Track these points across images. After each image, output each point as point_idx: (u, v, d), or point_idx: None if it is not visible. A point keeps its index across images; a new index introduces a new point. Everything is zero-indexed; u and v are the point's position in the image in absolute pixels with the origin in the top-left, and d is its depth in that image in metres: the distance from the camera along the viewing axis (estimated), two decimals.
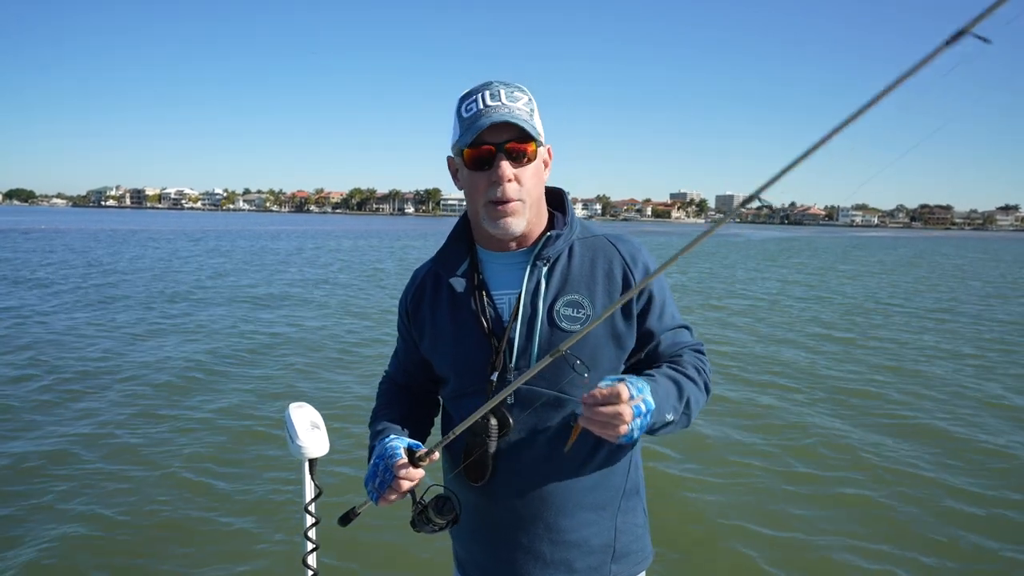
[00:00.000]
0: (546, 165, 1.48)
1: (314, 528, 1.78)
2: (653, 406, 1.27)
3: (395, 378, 1.68)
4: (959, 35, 0.86)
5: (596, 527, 1.46)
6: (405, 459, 1.32)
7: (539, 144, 1.40)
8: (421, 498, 1.37)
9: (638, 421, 1.23)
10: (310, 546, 1.79)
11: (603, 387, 1.23)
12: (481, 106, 1.35)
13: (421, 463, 1.32)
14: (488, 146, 1.35)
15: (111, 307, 12.11)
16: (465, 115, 1.37)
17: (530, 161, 1.39)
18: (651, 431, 1.32)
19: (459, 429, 1.30)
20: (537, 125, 1.40)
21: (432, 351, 1.53)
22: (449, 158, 1.48)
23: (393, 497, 1.34)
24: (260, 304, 13.19)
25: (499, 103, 1.35)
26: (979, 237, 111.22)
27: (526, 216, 1.41)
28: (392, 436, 1.42)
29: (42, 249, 26.08)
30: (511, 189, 1.37)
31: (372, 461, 1.40)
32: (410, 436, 1.49)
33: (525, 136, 1.35)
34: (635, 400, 1.23)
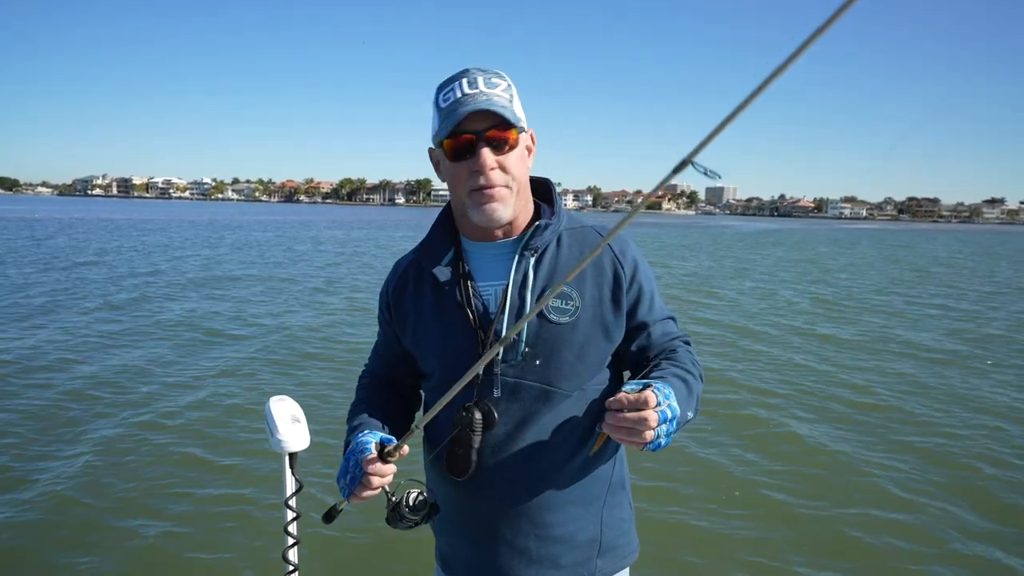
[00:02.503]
0: (529, 151, 1.44)
1: (295, 523, 1.75)
2: (678, 411, 1.24)
3: (375, 372, 1.64)
4: (682, 166, 0.89)
5: (582, 522, 1.43)
6: (375, 454, 1.28)
7: (521, 130, 1.36)
8: (393, 493, 1.33)
9: (664, 427, 1.20)
10: (290, 541, 1.76)
11: (628, 391, 1.20)
12: (459, 95, 1.31)
13: (390, 458, 1.28)
14: (468, 135, 1.31)
15: (85, 299, 11.96)
16: (443, 105, 1.33)
17: (512, 148, 1.35)
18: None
19: (425, 420, 1.26)
20: (518, 111, 1.36)
21: (416, 344, 1.49)
22: (431, 150, 1.44)
23: (365, 494, 1.29)
24: (240, 295, 13.07)
25: (477, 91, 1.31)
26: (966, 230, 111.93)
27: (512, 203, 1.37)
28: (366, 431, 1.38)
29: (32, 238, 25.76)
30: (495, 176, 1.33)
31: (344, 457, 1.36)
32: (389, 431, 1.45)
33: (506, 123, 1.32)
34: (661, 406, 1.20)
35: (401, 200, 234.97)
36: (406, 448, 1.30)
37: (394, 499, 1.33)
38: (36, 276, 14.50)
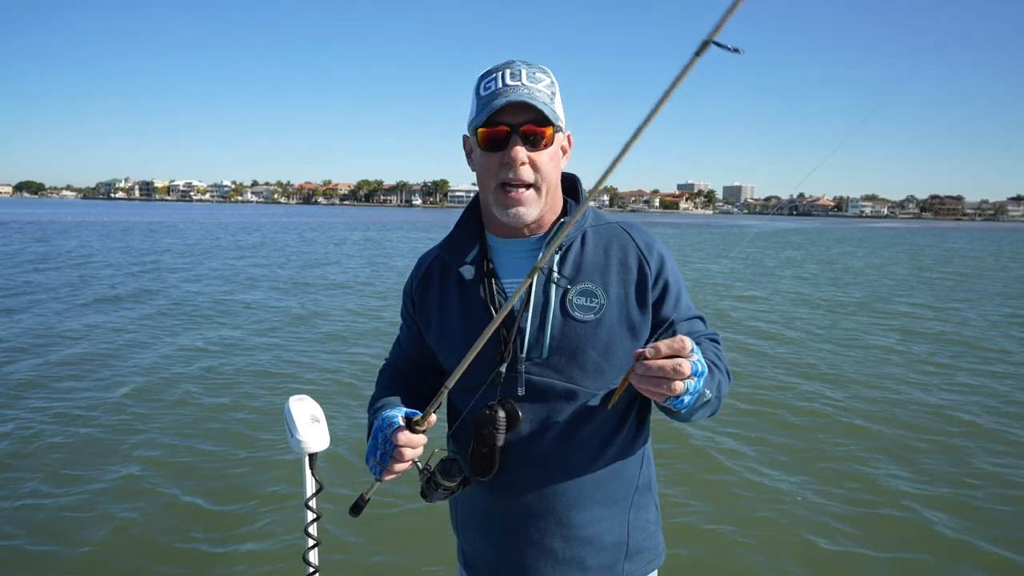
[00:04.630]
0: (564, 152, 1.43)
1: (315, 524, 1.74)
2: (706, 370, 1.18)
3: (397, 366, 1.62)
4: (704, 47, 0.96)
5: (609, 523, 1.41)
6: (403, 426, 1.27)
7: (557, 129, 1.34)
8: (426, 465, 1.33)
9: (692, 382, 1.13)
10: (311, 542, 1.75)
11: (658, 341, 1.13)
12: (500, 85, 1.30)
13: (419, 428, 1.27)
14: (503, 126, 1.29)
15: (105, 298, 12.11)
16: (483, 93, 1.32)
17: (547, 145, 1.33)
18: (688, 413, 1.23)
19: (451, 381, 1.23)
20: (557, 109, 1.34)
21: (439, 340, 1.48)
22: (465, 137, 1.43)
23: (398, 467, 1.27)
24: (260, 294, 13.16)
25: (519, 83, 1.29)
26: (991, 228, 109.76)
27: (539, 204, 1.36)
28: (388, 409, 1.36)
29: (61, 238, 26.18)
30: (525, 172, 1.31)
31: (371, 435, 1.35)
32: None
33: (543, 119, 1.30)
34: (693, 356, 1.14)
35: (418, 201, 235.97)
36: (434, 417, 1.29)
37: (428, 469, 1.33)
38: (63, 276, 14.74)
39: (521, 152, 1.30)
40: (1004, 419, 6.10)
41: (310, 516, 1.73)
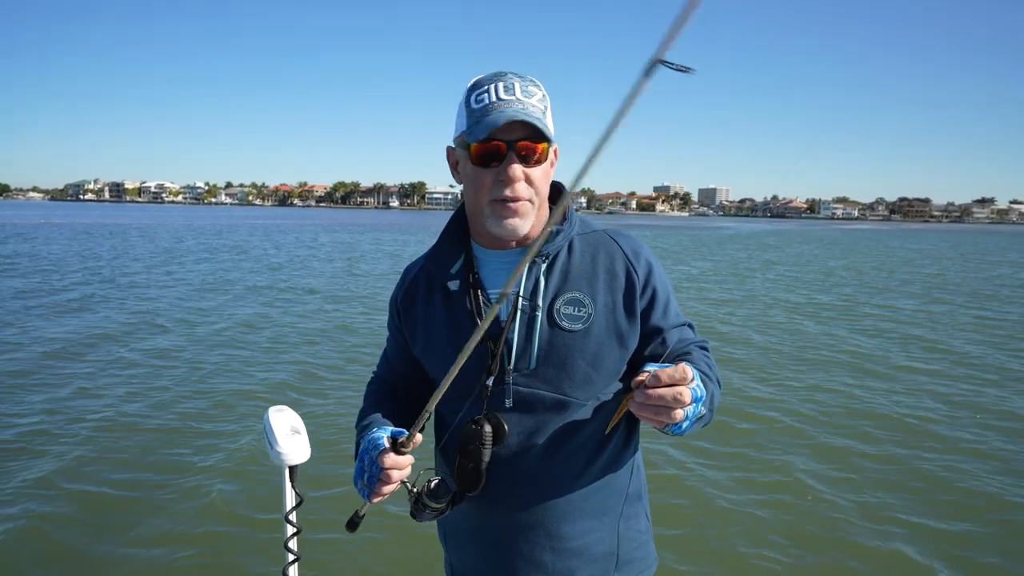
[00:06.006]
0: (552, 165, 1.41)
1: (295, 538, 1.70)
2: (705, 394, 1.18)
3: (385, 378, 1.60)
4: (652, 67, 0.89)
5: (598, 534, 1.40)
6: (388, 447, 1.25)
7: (551, 144, 1.33)
8: (413, 485, 1.31)
9: (691, 408, 1.13)
10: (291, 557, 1.71)
11: (658, 369, 1.13)
12: (494, 98, 1.27)
13: (404, 449, 1.25)
14: (499, 142, 1.27)
15: (81, 304, 11.87)
16: (475, 106, 1.29)
17: (540, 162, 1.31)
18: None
19: (434, 400, 1.19)
20: (549, 123, 1.33)
21: (425, 352, 1.46)
22: (450, 148, 1.40)
23: (385, 490, 1.25)
24: (236, 302, 12.97)
25: (514, 97, 1.27)
26: (958, 229, 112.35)
27: (532, 218, 1.34)
28: (375, 428, 1.34)
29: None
30: (521, 189, 1.30)
31: (358, 457, 1.33)
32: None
33: (538, 135, 1.28)
34: (694, 383, 1.14)
35: (395, 203, 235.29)
36: (419, 436, 1.27)
37: (415, 490, 1.31)
38: (52, 280, 14.38)
39: (518, 170, 1.28)
40: (996, 425, 6.22)
41: (290, 530, 1.69)
